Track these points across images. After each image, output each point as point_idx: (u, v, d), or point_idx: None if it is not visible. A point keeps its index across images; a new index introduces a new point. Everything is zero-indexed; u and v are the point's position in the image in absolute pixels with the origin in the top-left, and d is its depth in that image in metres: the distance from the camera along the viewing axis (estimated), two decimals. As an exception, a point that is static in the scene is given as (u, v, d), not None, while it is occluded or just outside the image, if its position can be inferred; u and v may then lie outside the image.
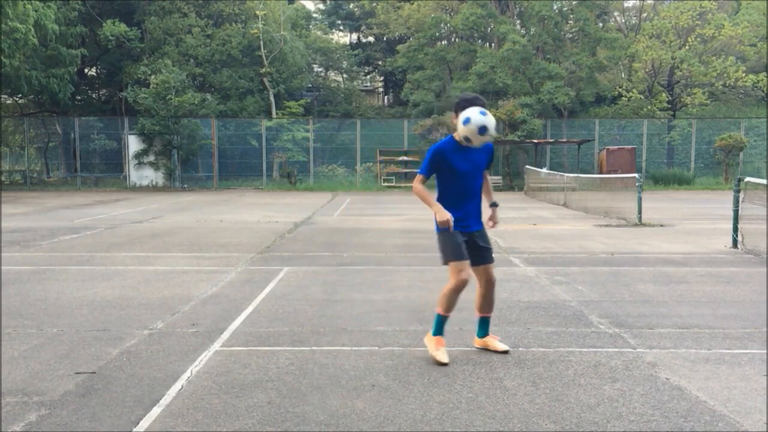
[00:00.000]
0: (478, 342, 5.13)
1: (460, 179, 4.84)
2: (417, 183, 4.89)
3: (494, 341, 5.09)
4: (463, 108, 4.83)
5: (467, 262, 4.85)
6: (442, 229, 4.80)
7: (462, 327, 5.78)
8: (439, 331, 4.90)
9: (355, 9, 48.36)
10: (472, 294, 7.16)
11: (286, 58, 35.71)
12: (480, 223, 5.06)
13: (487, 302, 5.10)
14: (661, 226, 14.12)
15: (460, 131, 4.76)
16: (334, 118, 38.76)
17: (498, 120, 33.13)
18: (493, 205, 5.28)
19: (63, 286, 7.61)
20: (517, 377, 4.48)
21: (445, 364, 4.69)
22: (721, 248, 10.75)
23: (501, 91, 34.67)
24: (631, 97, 34.00)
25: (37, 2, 27.45)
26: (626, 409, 3.93)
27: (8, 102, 37.33)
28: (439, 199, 4.88)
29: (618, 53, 34.70)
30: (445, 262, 4.88)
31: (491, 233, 5.41)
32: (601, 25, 39.19)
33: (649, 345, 5.25)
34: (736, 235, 10.79)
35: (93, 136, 33.41)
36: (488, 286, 5.09)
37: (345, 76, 47.00)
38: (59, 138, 35.52)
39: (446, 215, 4.71)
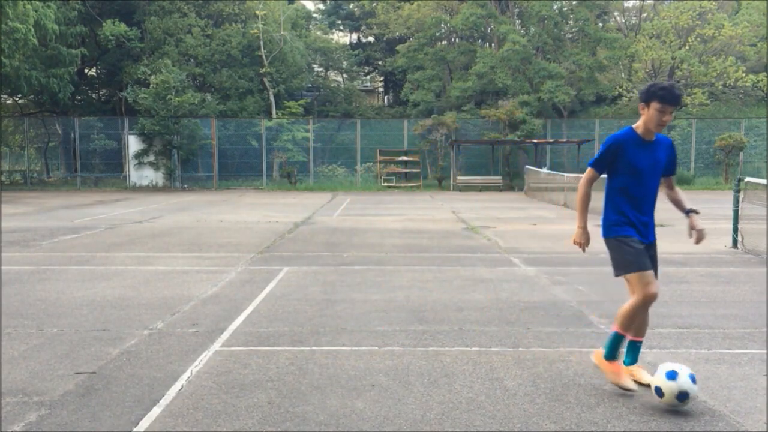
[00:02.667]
0: (625, 370, 4.29)
1: (638, 178, 4.24)
2: (586, 182, 4.38)
3: (641, 371, 4.34)
4: (653, 98, 4.12)
5: (652, 273, 4.15)
6: (614, 234, 4.27)
7: (462, 327, 5.78)
8: (613, 354, 4.22)
9: (355, 9, 48.34)
10: (474, 294, 7.17)
11: (286, 58, 35.70)
12: (654, 235, 4.37)
13: (642, 324, 4.31)
14: (661, 226, 14.10)
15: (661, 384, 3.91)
16: (334, 118, 38.75)
17: (498, 120, 33.18)
18: (691, 211, 4.44)
19: (63, 286, 7.61)
20: (517, 377, 4.48)
21: (633, 391, 4.11)
22: (721, 248, 10.75)
23: (501, 91, 34.68)
24: (631, 97, 33.99)
25: (37, 2, 27.44)
26: (626, 409, 3.93)
27: (8, 102, 37.32)
28: (609, 202, 4.34)
29: (618, 53, 34.71)
30: (623, 273, 4.21)
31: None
32: (601, 25, 39.19)
33: (649, 345, 5.25)
34: (736, 235, 10.79)
35: (93, 136, 33.40)
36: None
37: (345, 76, 46.98)
38: (59, 138, 35.50)
39: (581, 239, 4.41)
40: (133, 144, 31.99)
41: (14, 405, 3.99)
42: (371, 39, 49.95)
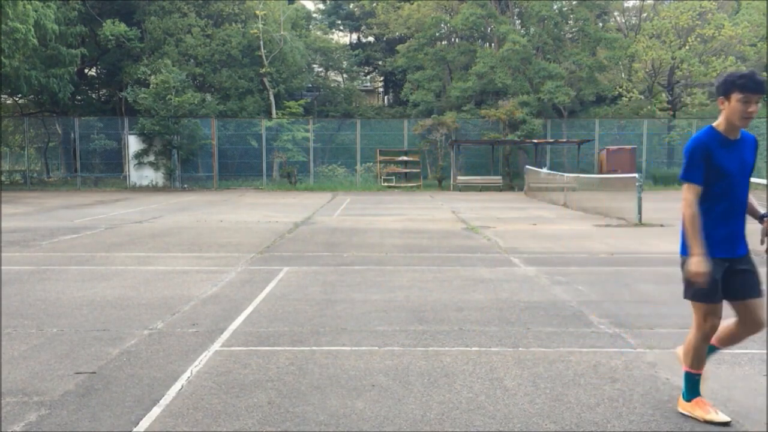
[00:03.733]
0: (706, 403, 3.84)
1: (727, 184, 3.78)
2: (691, 200, 3.75)
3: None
4: (733, 88, 3.68)
5: (720, 306, 3.76)
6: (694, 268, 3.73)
7: (462, 327, 5.78)
8: (694, 392, 3.83)
9: (355, 9, 48.33)
10: (474, 294, 7.17)
11: (286, 58, 35.70)
12: (746, 246, 3.99)
13: (733, 343, 3.93)
14: (661, 226, 14.12)
15: None
16: (334, 118, 38.75)
17: (498, 120, 33.18)
18: (766, 216, 3.97)
19: (63, 286, 7.61)
20: (517, 377, 4.48)
21: (727, 423, 3.70)
22: (721, 248, 10.74)
23: (501, 91, 34.68)
24: (631, 97, 33.99)
25: (37, 2, 27.44)
26: (626, 409, 3.93)
27: (8, 102, 37.31)
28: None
29: (618, 53, 34.70)
30: (690, 299, 3.85)
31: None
32: (601, 25, 39.18)
33: (649, 345, 5.25)
34: (736, 235, 10.77)
35: (93, 136, 33.40)
36: (751, 329, 3.83)
37: (345, 76, 46.97)
38: (59, 138, 35.50)
39: (702, 268, 3.67)
40: (133, 144, 31.99)
41: (14, 405, 3.99)
42: (371, 39, 49.94)
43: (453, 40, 41.45)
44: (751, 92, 3.63)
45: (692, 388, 3.83)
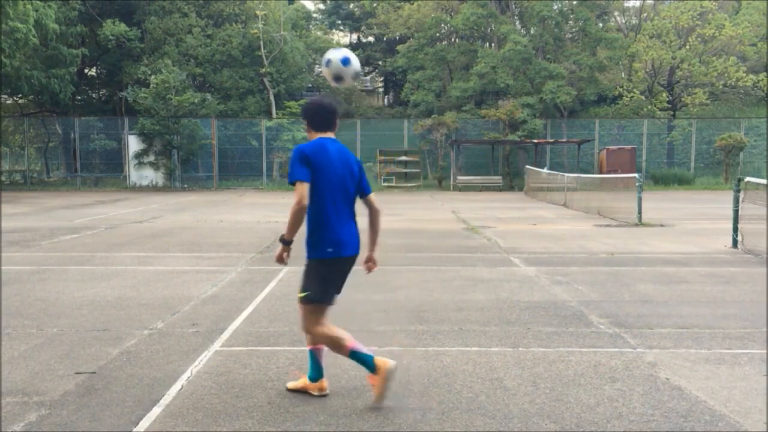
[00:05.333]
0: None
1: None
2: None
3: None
4: (314, 117, 4.13)
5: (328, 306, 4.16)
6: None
7: (462, 327, 5.78)
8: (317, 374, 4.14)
9: (355, 9, 48.33)
10: (474, 294, 7.16)
11: (286, 58, 35.70)
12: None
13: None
14: (661, 226, 14.12)
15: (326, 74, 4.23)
16: (334, 118, 38.68)
17: (498, 120, 33.17)
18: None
19: (63, 286, 7.61)
20: (517, 377, 4.48)
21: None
22: (721, 248, 10.75)
23: (502, 91, 34.68)
24: (631, 97, 34.00)
25: (37, 2, 27.44)
26: (626, 409, 3.93)
27: (8, 102, 37.31)
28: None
29: (618, 53, 34.69)
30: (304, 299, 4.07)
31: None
32: (601, 25, 39.17)
33: (649, 345, 5.25)
34: (736, 235, 10.79)
35: (93, 136, 33.40)
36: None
37: (345, 76, 46.88)
38: (59, 138, 35.49)
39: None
40: (133, 144, 31.99)
41: (14, 405, 3.99)
42: (371, 39, 49.95)
43: (453, 40, 41.45)
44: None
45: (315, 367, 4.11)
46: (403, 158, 33.29)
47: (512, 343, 5.28)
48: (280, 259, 4.03)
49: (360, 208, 4.32)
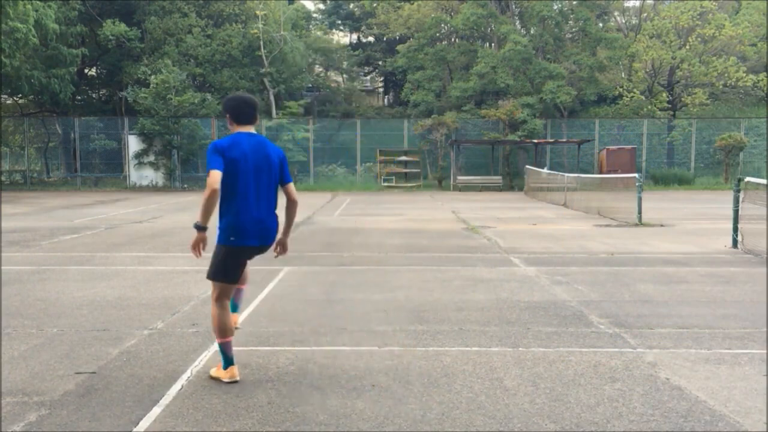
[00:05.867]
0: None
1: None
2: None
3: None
4: (235, 111, 4.43)
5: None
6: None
7: (462, 327, 5.78)
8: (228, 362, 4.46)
9: (355, 9, 48.31)
10: (474, 294, 7.17)
11: (286, 58, 35.69)
12: None
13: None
14: (661, 226, 14.12)
15: None
16: (334, 118, 38.74)
17: (498, 120, 33.18)
18: None
19: (63, 286, 7.61)
20: (517, 377, 4.48)
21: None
22: (721, 248, 10.75)
23: (502, 91, 34.69)
24: (632, 97, 34.01)
25: (37, 2, 27.43)
26: (626, 409, 3.93)
27: (8, 102, 37.30)
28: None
29: (618, 53, 34.69)
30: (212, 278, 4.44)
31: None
32: (601, 25, 39.16)
33: (649, 345, 5.25)
34: (736, 235, 10.79)
35: (93, 136, 33.39)
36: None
37: (345, 76, 46.95)
38: (59, 138, 35.48)
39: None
40: (133, 144, 31.98)
41: (14, 405, 3.99)
42: (371, 39, 49.92)
43: (453, 40, 41.44)
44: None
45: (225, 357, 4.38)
46: (403, 158, 33.28)
47: (512, 343, 5.28)
48: (195, 247, 4.27)
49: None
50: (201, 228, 4.23)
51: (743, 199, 11.15)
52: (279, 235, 4.62)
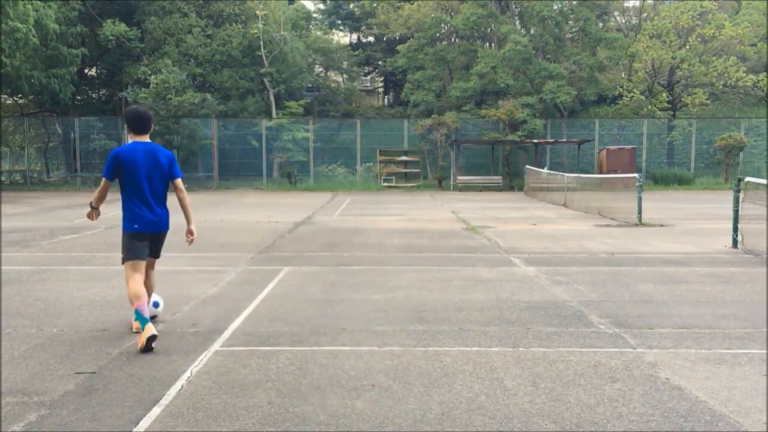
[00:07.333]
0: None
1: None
2: None
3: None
4: (131, 122, 5.50)
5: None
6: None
7: (462, 327, 5.78)
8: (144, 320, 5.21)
9: (355, 9, 48.31)
10: (474, 294, 7.17)
11: (287, 58, 35.70)
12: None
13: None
14: (661, 226, 14.12)
15: None
16: (334, 118, 38.74)
17: (498, 120, 33.18)
18: None
19: (63, 286, 7.61)
20: (517, 377, 4.48)
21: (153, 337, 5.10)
22: (721, 248, 10.75)
23: (502, 91, 34.70)
24: (632, 97, 34.02)
25: (37, 2, 27.44)
26: (626, 409, 3.93)
27: (8, 102, 37.31)
28: None
29: (618, 53, 34.70)
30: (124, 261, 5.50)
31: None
32: (601, 25, 39.16)
33: (649, 345, 5.25)
34: (736, 235, 10.79)
35: (93, 136, 33.39)
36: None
37: (345, 76, 46.94)
38: (59, 138, 35.50)
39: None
40: (133, 144, 31.94)
41: (14, 405, 3.99)
42: (371, 39, 49.92)
43: (453, 40, 41.44)
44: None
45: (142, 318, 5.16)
46: (403, 158, 33.29)
47: (512, 343, 5.28)
48: (89, 216, 5.85)
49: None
50: (93, 207, 5.74)
51: (743, 199, 11.15)
52: (186, 227, 5.81)
